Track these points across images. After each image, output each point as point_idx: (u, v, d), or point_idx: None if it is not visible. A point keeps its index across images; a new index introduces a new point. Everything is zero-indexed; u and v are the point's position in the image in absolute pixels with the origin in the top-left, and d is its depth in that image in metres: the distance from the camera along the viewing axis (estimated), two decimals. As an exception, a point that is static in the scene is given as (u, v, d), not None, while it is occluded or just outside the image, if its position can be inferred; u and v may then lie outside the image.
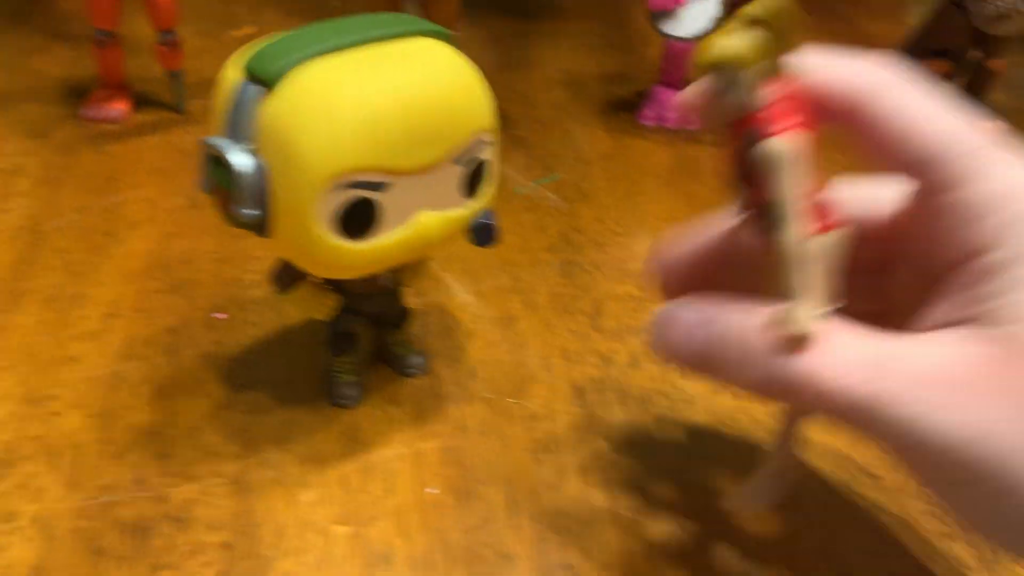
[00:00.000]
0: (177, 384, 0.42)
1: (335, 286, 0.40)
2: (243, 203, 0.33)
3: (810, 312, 0.26)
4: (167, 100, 0.64)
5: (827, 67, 0.28)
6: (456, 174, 0.35)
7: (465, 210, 0.37)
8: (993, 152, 0.26)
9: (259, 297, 0.47)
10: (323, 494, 0.38)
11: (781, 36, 0.25)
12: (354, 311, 0.40)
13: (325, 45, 0.33)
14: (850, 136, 0.28)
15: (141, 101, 0.65)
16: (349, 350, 0.41)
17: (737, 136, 0.26)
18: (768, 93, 0.25)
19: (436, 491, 0.38)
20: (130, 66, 0.64)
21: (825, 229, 0.26)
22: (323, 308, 0.39)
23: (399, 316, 0.42)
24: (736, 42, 0.25)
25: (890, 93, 0.27)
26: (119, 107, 0.62)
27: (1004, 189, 0.25)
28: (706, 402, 0.43)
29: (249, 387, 0.42)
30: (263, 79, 0.32)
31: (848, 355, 0.25)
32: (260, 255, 0.50)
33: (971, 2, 0.62)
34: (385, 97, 0.32)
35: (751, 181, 0.26)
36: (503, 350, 0.45)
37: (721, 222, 0.32)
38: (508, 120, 0.66)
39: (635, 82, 0.73)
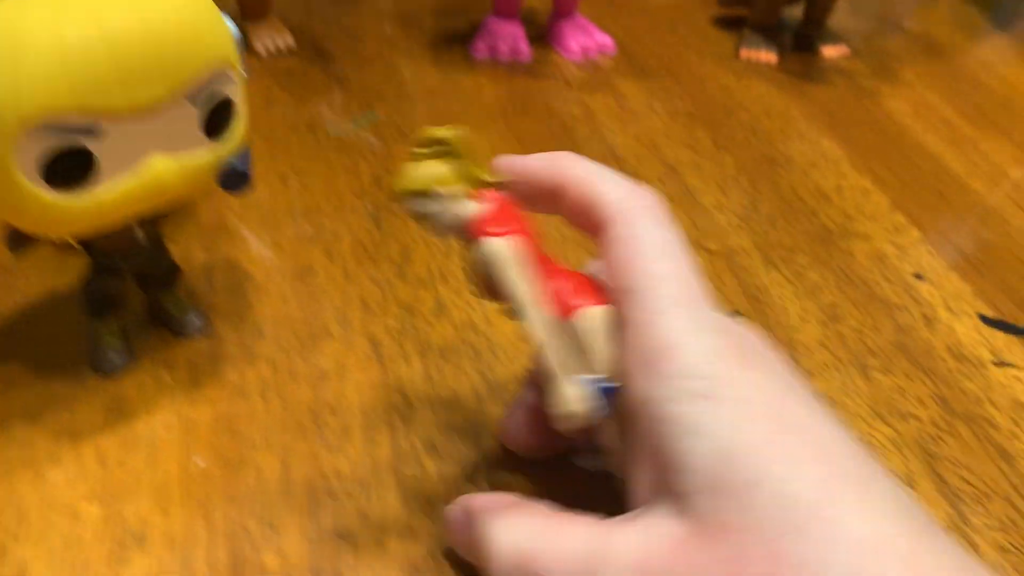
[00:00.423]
0: (-79, 360, 0.38)
1: (81, 244, 0.36)
2: (-68, 156, 0.29)
3: (573, 388, 0.26)
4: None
5: (525, 163, 0.30)
6: (191, 114, 0.32)
7: (209, 153, 0.33)
8: (639, 212, 0.28)
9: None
10: (75, 471, 0.34)
11: (466, 155, 0.28)
12: (110, 270, 0.37)
13: (15, -29, 0.29)
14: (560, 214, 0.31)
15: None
16: (108, 313, 0.37)
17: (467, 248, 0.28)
18: (474, 206, 0.28)
19: (203, 462, 0.35)
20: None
21: (575, 308, 0.28)
22: (69, 269, 0.36)
23: (166, 273, 0.39)
24: (430, 168, 0.27)
25: (575, 169, 0.30)
26: None
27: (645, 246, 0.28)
28: (512, 350, 0.41)
29: (2, 361, 0.38)
30: (-63, 12, 0.28)
31: (571, 551, 0.26)
32: (32, 213, 0.45)
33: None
34: (84, 26, 0.28)
35: (489, 285, 0.28)
36: (295, 305, 0.42)
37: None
38: (328, 57, 0.62)
39: (471, 13, 0.69)
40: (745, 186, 0.53)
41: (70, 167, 0.30)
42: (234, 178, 0.34)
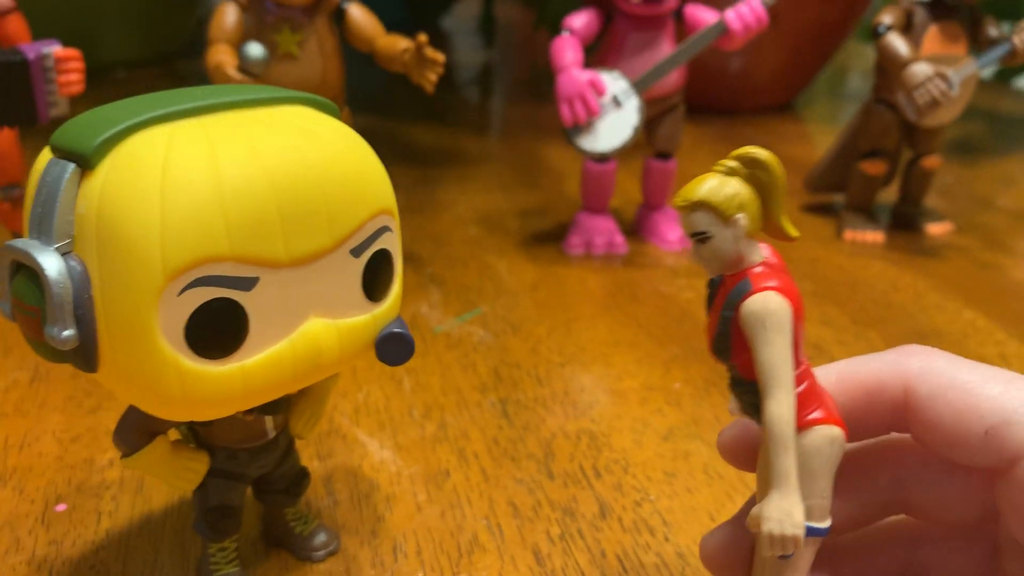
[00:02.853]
0: (-9, 605, 0.31)
1: (202, 441, 0.30)
2: (57, 321, 0.23)
3: (792, 509, 0.22)
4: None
5: (862, 364, 0.25)
6: (353, 269, 0.27)
7: (369, 317, 0.28)
8: None
9: (116, 479, 0.37)
10: None
11: (777, 192, 0.23)
12: (231, 475, 0.30)
13: (164, 110, 0.25)
14: (906, 429, 0.25)
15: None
16: (228, 531, 0.30)
17: (724, 291, 0.23)
18: (757, 250, 0.23)
19: None
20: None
21: (819, 422, 0.23)
22: (188, 473, 0.29)
23: (295, 480, 0.32)
24: (734, 186, 0.23)
25: (937, 369, 0.24)
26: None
27: None
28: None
29: (93, 598, 0.31)
30: (77, 153, 0.24)
31: None
32: (118, 428, 0.39)
33: (901, 96, 0.58)
34: (243, 163, 0.24)
35: (735, 346, 0.23)
36: (434, 514, 0.35)
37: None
38: (417, 260, 0.58)
39: (555, 215, 0.67)
40: (901, 360, 0.48)
41: (217, 329, 0.24)
42: (397, 346, 0.28)
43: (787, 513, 0.22)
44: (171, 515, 0.35)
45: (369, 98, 0.98)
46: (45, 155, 0.25)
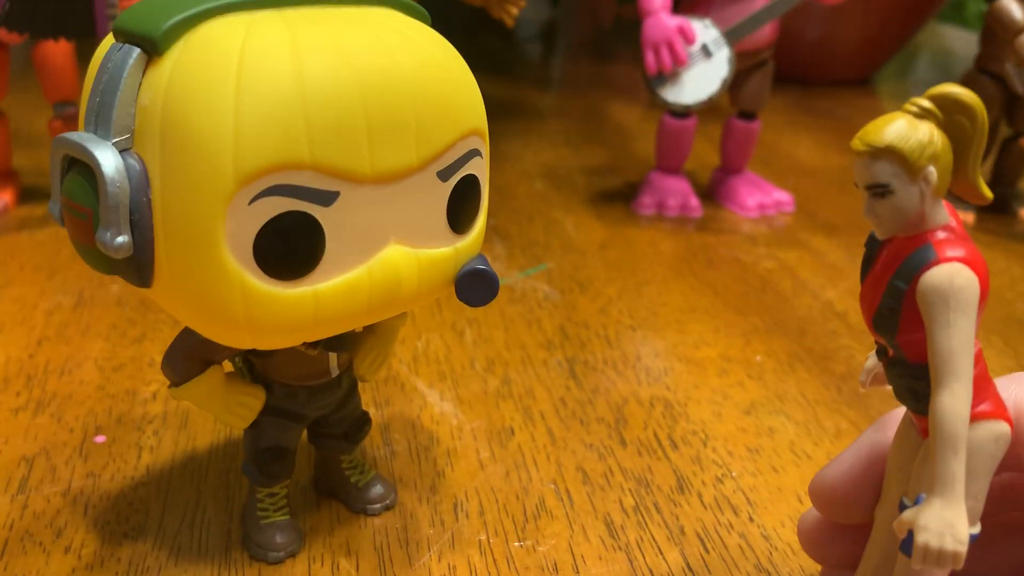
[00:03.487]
0: (26, 535, 0.28)
1: (259, 374, 0.27)
2: (111, 225, 0.21)
3: (956, 520, 0.18)
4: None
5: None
6: (439, 193, 0.24)
7: (451, 250, 0.25)
8: None
9: (159, 413, 0.34)
10: None
11: (976, 145, 0.19)
12: (287, 414, 0.28)
13: (243, -3, 0.22)
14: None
15: (32, 194, 0.53)
16: (279, 475, 0.28)
17: (897, 256, 0.20)
18: (942, 211, 0.19)
19: None
20: (24, 157, 0.53)
21: (986, 415, 0.19)
22: (241, 409, 0.27)
23: (354, 424, 0.30)
24: (926, 133, 0.18)
25: None
26: (1, 197, 0.51)
27: None
28: (792, 538, 0.31)
29: (131, 538, 0.29)
30: (144, 37, 0.21)
31: None
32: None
33: (1010, 66, 0.54)
34: (330, 62, 0.21)
35: (905, 323, 0.19)
36: (498, 474, 0.33)
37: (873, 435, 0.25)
38: (482, 209, 0.55)
39: (624, 173, 0.63)
40: (1000, 347, 0.44)
41: (289, 246, 0.21)
42: (480, 285, 0.25)
43: (949, 524, 0.18)
44: (216, 455, 0.32)
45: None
46: (108, 41, 0.22)
